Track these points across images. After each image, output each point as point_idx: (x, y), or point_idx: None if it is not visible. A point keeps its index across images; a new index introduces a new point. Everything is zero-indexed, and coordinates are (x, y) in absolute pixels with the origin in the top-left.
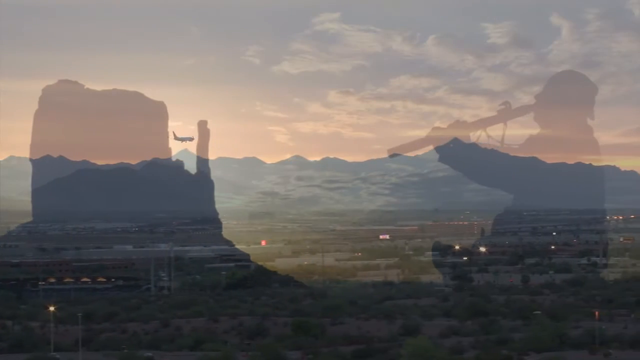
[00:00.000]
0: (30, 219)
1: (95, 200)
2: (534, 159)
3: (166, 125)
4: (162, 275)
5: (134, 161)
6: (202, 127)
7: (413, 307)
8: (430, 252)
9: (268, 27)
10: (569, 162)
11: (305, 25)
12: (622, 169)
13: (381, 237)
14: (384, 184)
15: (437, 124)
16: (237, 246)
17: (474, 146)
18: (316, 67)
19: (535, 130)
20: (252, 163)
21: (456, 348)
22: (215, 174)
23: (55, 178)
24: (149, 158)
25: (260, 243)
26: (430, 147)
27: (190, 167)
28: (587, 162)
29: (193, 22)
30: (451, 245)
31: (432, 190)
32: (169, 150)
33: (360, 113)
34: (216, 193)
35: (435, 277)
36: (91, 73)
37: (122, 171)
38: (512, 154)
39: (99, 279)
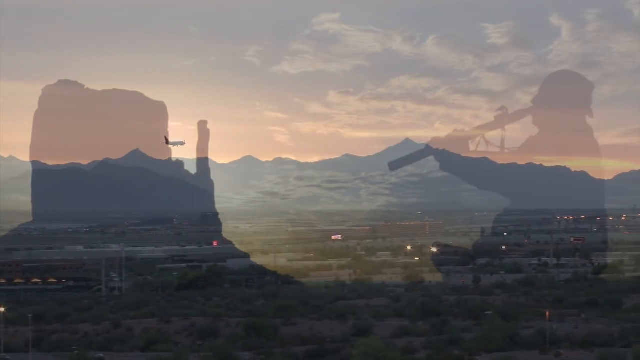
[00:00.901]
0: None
1: (47, 201)
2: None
3: (166, 126)
4: (114, 276)
5: (85, 161)
6: (202, 127)
7: (365, 307)
8: (382, 253)
9: (268, 27)
10: (520, 163)
11: (305, 25)
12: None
13: (333, 237)
14: (384, 184)
15: (436, 125)
16: (189, 247)
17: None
18: (316, 67)
19: (533, 132)
20: (252, 163)
21: (408, 348)
22: (215, 174)
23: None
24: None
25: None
26: (430, 158)
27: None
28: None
29: (193, 22)
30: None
31: (432, 190)
32: (169, 150)
33: (360, 113)
34: (216, 193)
35: (387, 277)
36: (91, 73)
37: (73, 171)
38: (510, 158)
39: (49, 280)
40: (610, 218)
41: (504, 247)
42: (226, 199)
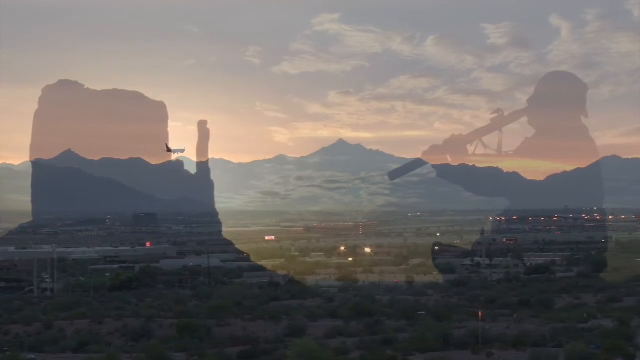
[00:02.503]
0: None
1: None
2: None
3: (166, 126)
4: (45, 276)
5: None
6: (202, 127)
7: (299, 308)
8: (316, 253)
9: (268, 27)
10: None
11: (305, 25)
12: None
13: (266, 238)
14: (383, 184)
15: (436, 125)
16: (122, 248)
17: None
18: (316, 67)
19: (530, 134)
20: (252, 163)
21: (341, 349)
22: (215, 174)
23: None
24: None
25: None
26: (429, 166)
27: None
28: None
29: (193, 22)
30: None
31: (432, 190)
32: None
33: (360, 113)
34: (216, 193)
35: (320, 277)
36: (91, 73)
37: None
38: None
39: None
40: (542, 218)
41: (436, 248)
42: (226, 198)
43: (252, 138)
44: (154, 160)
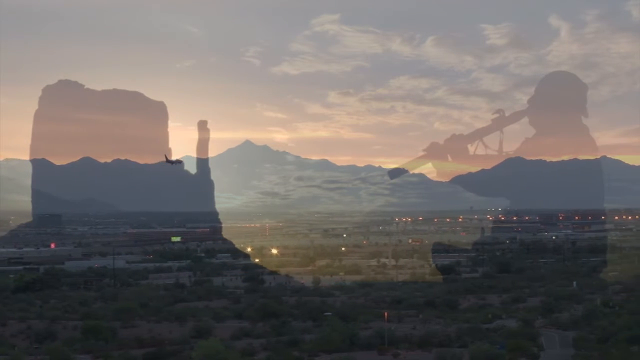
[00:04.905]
0: None
1: None
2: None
3: (166, 126)
4: None
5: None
6: (202, 127)
7: (205, 309)
8: (222, 254)
9: (268, 28)
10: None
11: (305, 26)
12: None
13: (173, 239)
14: (383, 184)
15: (436, 125)
16: (26, 249)
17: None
18: (316, 68)
19: (530, 134)
20: (253, 163)
21: (247, 350)
22: (215, 174)
23: None
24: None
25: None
26: (429, 164)
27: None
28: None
29: (193, 22)
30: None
31: (432, 190)
32: (169, 150)
33: (360, 114)
34: (216, 193)
35: (226, 279)
36: (91, 73)
37: None
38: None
39: None
40: (448, 220)
41: (343, 249)
42: (226, 198)
43: (252, 138)
44: (58, 161)
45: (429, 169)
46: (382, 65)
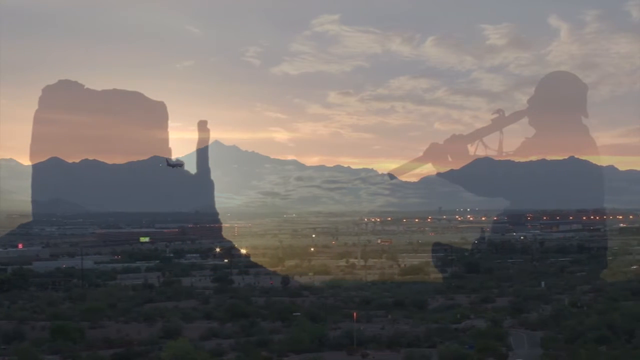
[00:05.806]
0: None
1: None
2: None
3: (166, 126)
4: None
5: None
6: (202, 127)
7: (174, 309)
8: (191, 255)
9: (268, 28)
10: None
11: (305, 26)
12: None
13: (141, 239)
14: (383, 184)
15: (436, 125)
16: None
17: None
18: (316, 68)
19: (530, 134)
20: (253, 163)
21: (216, 350)
22: (215, 174)
23: None
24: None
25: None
26: (429, 165)
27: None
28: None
29: (193, 22)
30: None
31: (432, 190)
32: (169, 150)
33: (360, 114)
34: (216, 193)
35: (195, 279)
36: (91, 73)
37: None
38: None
39: None
40: (416, 220)
41: (312, 249)
42: (226, 198)
43: (252, 138)
44: (25, 161)
45: (429, 169)
46: (382, 65)
